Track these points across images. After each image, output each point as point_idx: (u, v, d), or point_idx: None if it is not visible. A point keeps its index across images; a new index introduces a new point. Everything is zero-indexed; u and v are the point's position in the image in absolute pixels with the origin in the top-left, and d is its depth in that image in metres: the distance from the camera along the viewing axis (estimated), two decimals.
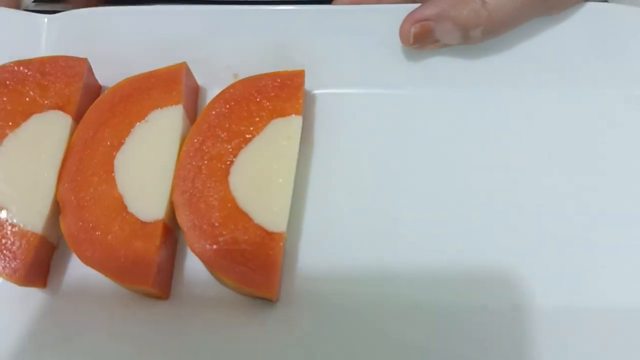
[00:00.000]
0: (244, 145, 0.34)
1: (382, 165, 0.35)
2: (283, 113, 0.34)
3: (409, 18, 0.34)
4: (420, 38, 0.34)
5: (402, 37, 0.35)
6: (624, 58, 0.35)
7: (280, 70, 0.35)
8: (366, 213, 0.34)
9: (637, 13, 0.35)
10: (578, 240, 0.33)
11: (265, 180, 0.33)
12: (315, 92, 0.37)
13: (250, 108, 0.34)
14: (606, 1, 0.36)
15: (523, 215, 0.34)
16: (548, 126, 0.36)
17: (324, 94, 0.37)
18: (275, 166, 0.33)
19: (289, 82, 0.35)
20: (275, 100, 0.34)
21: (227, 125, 0.34)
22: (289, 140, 0.33)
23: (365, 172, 0.35)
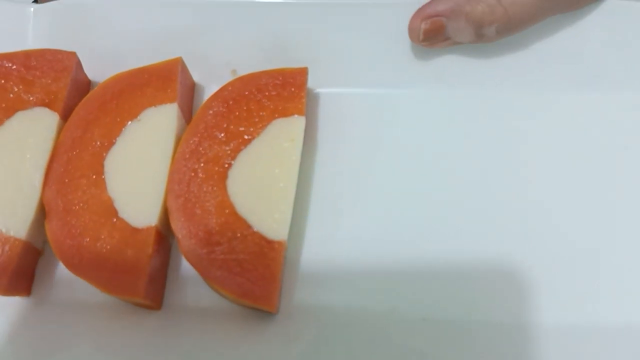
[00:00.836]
0: (243, 147, 0.32)
1: (388, 168, 0.33)
2: (285, 113, 0.32)
3: (420, 13, 0.32)
4: (430, 35, 0.33)
5: (412, 33, 0.33)
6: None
7: (282, 68, 0.33)
8: (372, 219, 0.32)
9: None
10: (589, 252, 0.31)
11: (266, 184, 0.31)
12: (319, 90, 0.35)
13: (250, 107, 0.32)
14: None
15: (535, 224, 0.32)
16: (561, 129, 0.34)
17: (328, 93, 0.35)
18: (277, 170, 0.31)
19: (292, 80, 0.33)
20: (277, 99, 0.32)
21: (225, 126, 0.32)
22: (291, 143, 0.32)
23: (371, 175, 0.33)
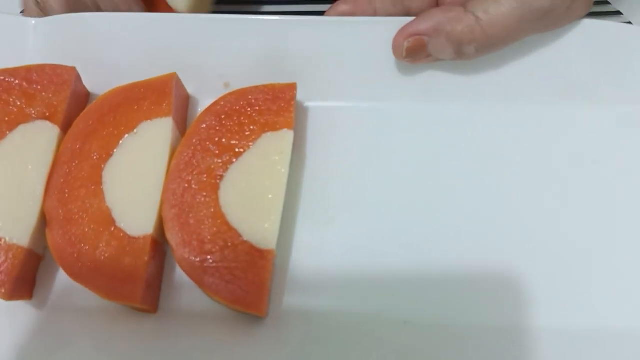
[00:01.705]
0: (234, 160, 0.33)
1: (375, 179, 0.35)
2: (275, 127, 0.34)
3: (403, 32, 0.34)
4: (413, 52, 0.34)
5: (395, 50, 0.35)
6: (619, 76, 0.35)
7: (273, 83, 0.35)
8: (358, 228, 0.34)
9: (633, 30, 0.35)
10: (579, 257, 0.33)
11: (256, 196, 0.32)
12: (308, 104, 0.37)
13: (241, 121, 0.34)
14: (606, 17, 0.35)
15: (522, 231, 0.33)
16: (541, 142, 0.35)
17: (317, 106, 0.37)
18: (267, 182, 0.32)
19: (281, 95, 0.34)
20: (267, 113, 0.34)
21: (217, 139, 0.33)
22: (280, 156, 0.33)
23: (358, 186, 0.35)
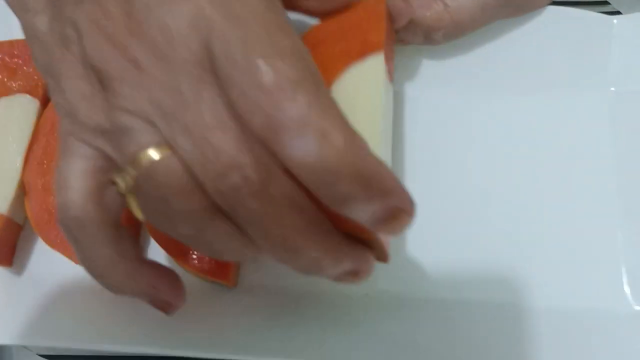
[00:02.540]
0: None
1: None
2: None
3: None
4: None
5: None
6: (584, 61, 0.36)
7: None
8: None
9: (595, 18, 0.35)
10: (577, 240, 0.33)
11: None
12: None
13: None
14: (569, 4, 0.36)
15: (513, 215, 0.34)
16: (523, 129, 0.36)
17: None
18: None
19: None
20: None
21: None
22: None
23: None
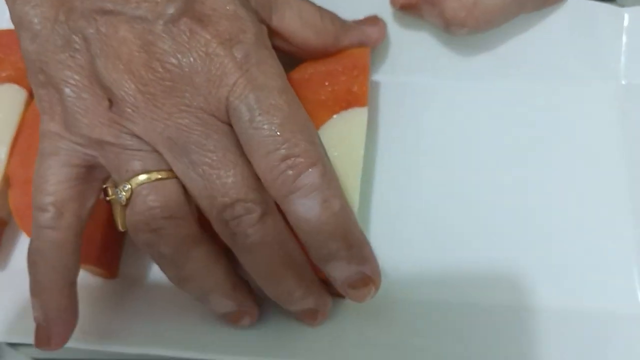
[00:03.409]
0: None
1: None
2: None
3: None
4: (405, 8, 0.34)
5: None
6: (595, 54, 0.36)
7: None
8: None
9: (611, 10, 0.35)
10: (586, 239, 0.32)
11: None
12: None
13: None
14: None
15: (520, 213, 0.33)
16: (532, 122, 0.35)
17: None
18: None
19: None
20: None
21: None
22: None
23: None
